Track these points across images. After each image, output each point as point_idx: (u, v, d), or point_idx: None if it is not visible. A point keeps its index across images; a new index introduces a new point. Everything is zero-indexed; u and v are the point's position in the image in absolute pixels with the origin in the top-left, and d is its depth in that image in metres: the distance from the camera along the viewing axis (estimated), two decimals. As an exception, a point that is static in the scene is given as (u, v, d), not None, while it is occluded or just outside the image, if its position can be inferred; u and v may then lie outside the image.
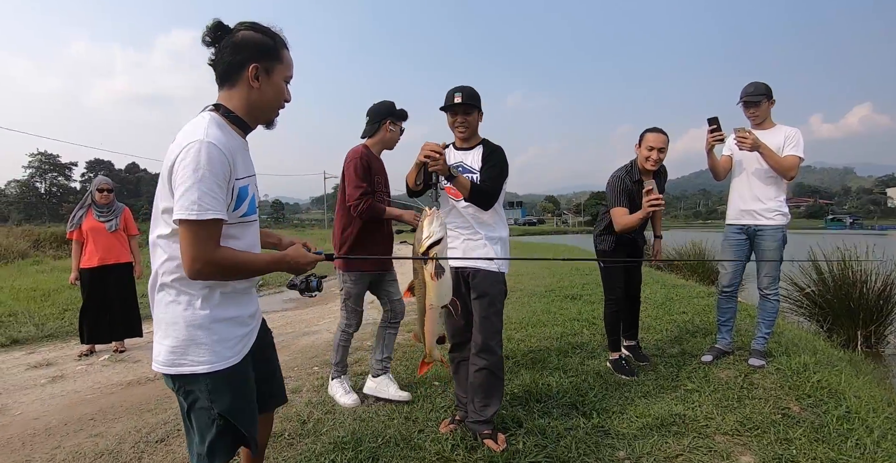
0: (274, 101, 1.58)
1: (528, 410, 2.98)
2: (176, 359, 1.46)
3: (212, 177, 1.36)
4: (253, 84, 1.51)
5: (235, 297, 1.57)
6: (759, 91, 3.60)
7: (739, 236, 3.72)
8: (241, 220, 1.54)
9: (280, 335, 5.43)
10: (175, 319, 1.47)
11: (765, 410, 2.95)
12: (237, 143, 1.53)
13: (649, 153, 3.52)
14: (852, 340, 6.16)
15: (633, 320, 4.07)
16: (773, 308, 3.70)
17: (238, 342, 1.57)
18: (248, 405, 1.59)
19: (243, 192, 1.51)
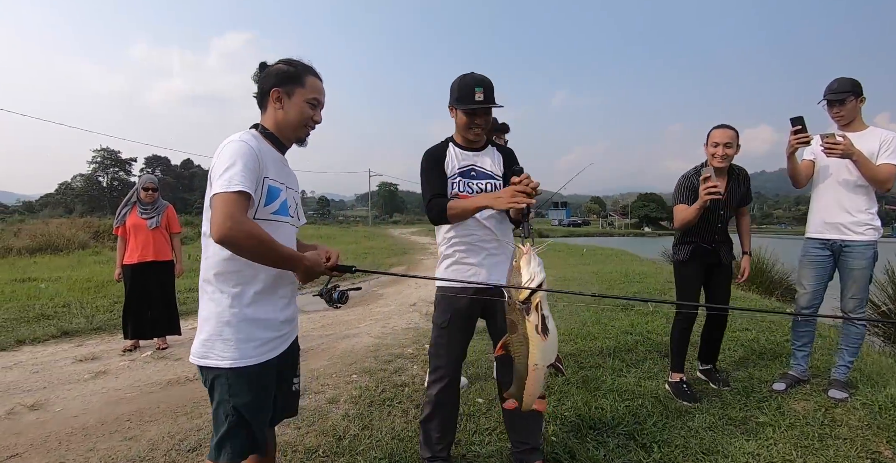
0: (296, 120, 1.75)
1: (581, 439, 2.73)
2: (205, 351, 1.61)
3: (242, 163, 1.54)
4: (276, 106, 1.74)
5: (269, 299, 1.69)
6: (845, 87, 3.21)
7: (823, 252, 3.34)
8: (273, 217, 1.68)
9: (320, 337, 5.33)
10: (209, 315, 1.63)
11: (851, 453, 2.60)
12: (269, 153, 1.71)
13: (714, 150, 3.33)
14: (934, 366, 5.61)
15: (712, 345, 3.72)
16: (860, 334, 3.31)
17: (263, 344, 1.66)
18: (263, 407, 1.69)
19: (274, 190, 1.67)
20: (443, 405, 2.35)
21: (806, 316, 3.42)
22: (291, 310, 1.81)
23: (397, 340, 5.15)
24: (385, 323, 6.05)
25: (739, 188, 3.47)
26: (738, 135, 3.33)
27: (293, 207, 1.81)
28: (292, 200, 1.80)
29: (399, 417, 3.09)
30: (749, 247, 3.68)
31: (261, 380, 1.67)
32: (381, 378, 3.84)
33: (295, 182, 1.88)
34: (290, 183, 1.82)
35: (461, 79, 2.27)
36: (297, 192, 1.88)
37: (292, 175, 1.88)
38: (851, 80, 3.23)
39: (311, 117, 1.78)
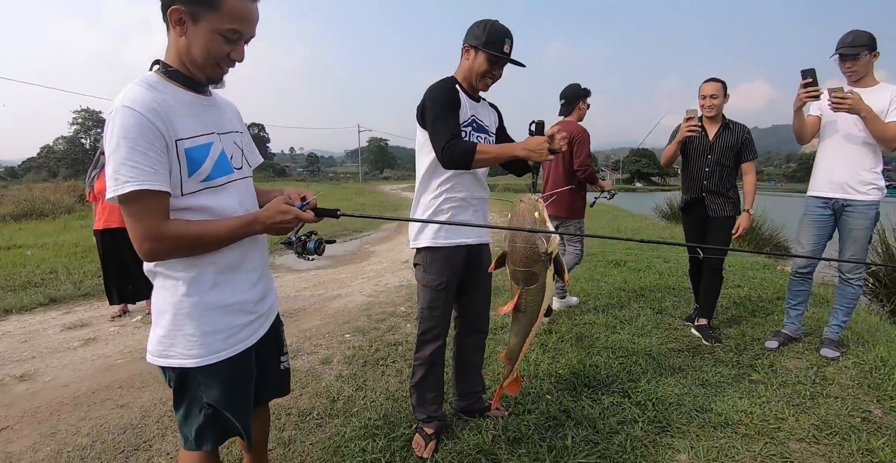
0: (202, 55, 1.30)
1: (576, 397, 2.73)
2: (164, 350, 1.36)
3: (128, 145, 1.19)
4: (176, 31, 1.29)
5: (234, 277, 1.42)
6: (860, 41, 3.06)
7: (824, 211, 3.27)
8: (207, 184, 1.33)
9: (311, 297, 5.28)
10: (164, 306, 1.36)
11: (842, 411, 2.62)
12: (180, 99, 1.32)
13: (703, 101, 3.59)
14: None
15: (707, 297, 3.78)
16: (855, 294, 3.29)
17: (236, 333, 1.43)
18: (242, 397, 1.48)
19: (195, 153, 1.31)
20: (435, 365, 2.31)
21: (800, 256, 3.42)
22: (264, 285, 1.54)
23: (390, 298, 5.12)
24: (377, 281, 6.02)
25: (730, 138, 3.58)
26: (724, 86, 3.58)
27: (236, 156, 1.46)
28: (233, 147, 1.45)
29: (393, 377, 3.08)
30: (751, 205, 3.66)
31: (237, 372, 1.45)
32: (374, 337, 3.82)
33: (232, 120, 1.51)
34: (225, 126, 1.45)
35: (491, 24, 2.11)
36: (239, 133, 1.51)
37: (229, 114, 1.50)
38: (867, 33, 3.07)
39: (226, 54, 1.33)
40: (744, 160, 3.62)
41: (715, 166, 3.59)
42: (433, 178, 2.19)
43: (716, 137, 3.59)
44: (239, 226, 1.33)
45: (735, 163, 3.61)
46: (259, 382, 1.60)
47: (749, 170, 3.69)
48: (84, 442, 2.50)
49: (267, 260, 1.58)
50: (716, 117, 3.60)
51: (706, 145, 3.61)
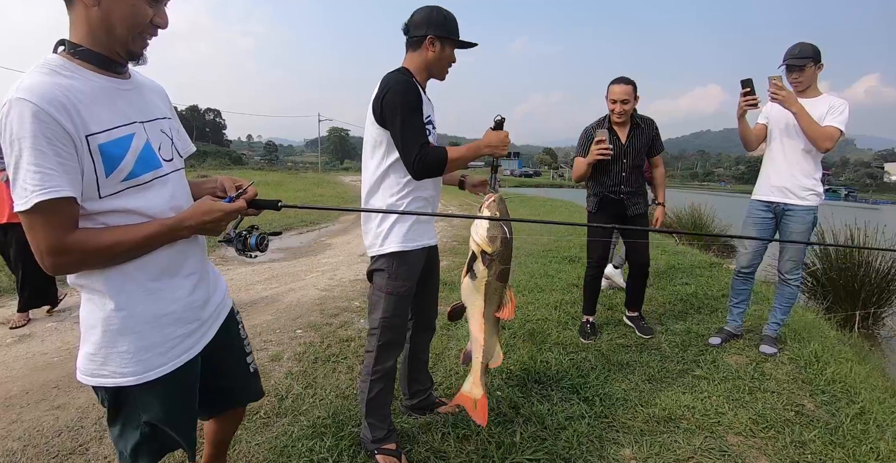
0: (124, 24, 1.13)
1: (526, 393, 2.77)
2: (95, 368, 1.23)
3: (29, 147, 1.02)
4: (85, 2, 1.10)
5: (169, 285, 1.28)
6: (806, 53, 3.19)
7: (766, 214, 3.41)
8: (130, 183, 1.17)
9: (264, 291, 5.17)
10: (93, 321, 1.22)
11: (778, 405, 2.75)
12: (91, 84, 1.14)
13: (613, 106, 3.44)
14: (850, 321, 6.03)
15: (636, 292, 3.86)
16: (793, 294, 3.45)
17: (175, 345, 1.30)
18: (184, 411, 1.38)
19: (112, 148, 1.13)
20: (392, 375, 2.23)
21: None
22: (205, 287, 1.40)
23: (344, 292, 5.07)
24: (332, 274, 5.94)
25: (643, 137, 3.54)
26: (635, 88, 3.42)
27: (164, 146, 1.29)
28: (160, 136, 1.28)
29: (344, 374, 3.04)
30: (663, 198, 3.77)
31: (178, 388, 1.33)
32: (326, 333, 3.76)
33: (158, 105, 1.33)
34: (147, 112, 1.26)
35: (445, 12, 2.06)
36: (167, 119, 1.33)
37: (153, 97, 1.32)
38: (812, 45, 3.20)
39: (150, 20, 1.17)
40: (654, 154, 3.65)
41: (631, 169, 3.54)
42: (397, 177, 2.05)
43: (629, 140, 3.51)
44: (159, 231, 1.19)
45: (644, 160, 3.65)
46: (227, 383, 1.52)
47: (658, 163, 3.76)
48: (15, 446, 2.36)
49: (205, 260, 1.45)
50: (625, 120, 3.50)
51: (620, 150, 3.48)
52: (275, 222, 9.58)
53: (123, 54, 1.20)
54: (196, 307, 1.36)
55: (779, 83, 3.12)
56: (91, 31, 1.14)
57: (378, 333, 2.14)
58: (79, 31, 1.14)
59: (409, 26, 2.09)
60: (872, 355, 4.72)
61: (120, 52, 1.19)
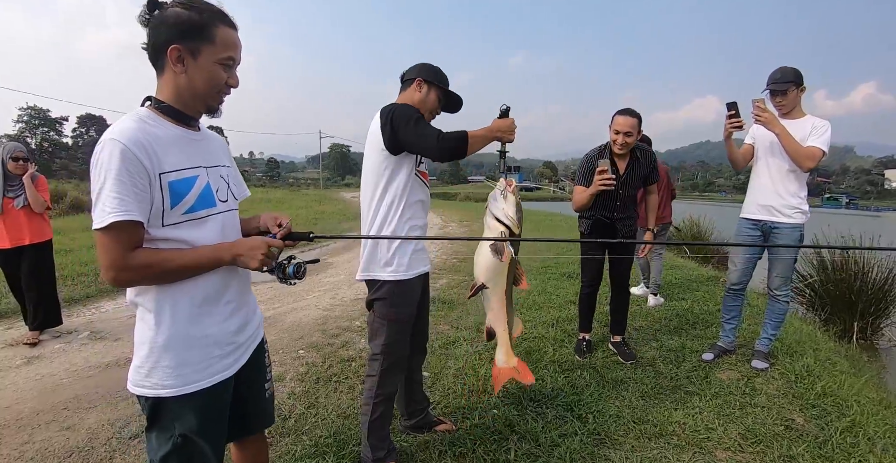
0: (204, 87, 1.39)
1: (521, 411, 2.85)
2: (141, 379, 1.40)
3: (113, 177, 1.25)
4: (176, 69, 1.36)
5: (212, 310, 1.45)
6: (787, 78, 3.31)
7: (754, 232, 3.51)
8: (189, 216, 1.38)
9: (266, 311, 5.26)
10: (143, 339, 1.40)
11: (768, 420, 2.82)
12: (169, 134, 1.38)
13: (616, 137, 3.46)
14: (848, 331, 6.09)
15: (618, 314, 3.86)
16: (783, 310, 3.54)
17: (212, 364, 1.45)
18: (216, 427, 1.50)
19: (180, 185, 1.36)
20: (392, 399, 2.34)
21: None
22: (243, 315, 1.57)
23: (346, 311, 5.16)
24: (334, 294, 6.03)
25: (640, 169, 3.61)
26: (640, 121, 3.47)
27: (221, 189, 1.51)
28: (219, 180, 1.50)
29: (345, 394, 3.12)
30: (653, 224, 3.86)
31: (212, 403, 1.47)
32: (327, 353, 3.85)
33: (220, 155, 1.56)
34: (210, 160, 1.50)
35: (437, 67, 2.30)
36: (225, 167, 1.57)
37: (216, 148, 1.56)
38: (794, 69, 3.33)
39: (225, 81, 1.42)
40: (649, 183, 3.74)
41: (625, 198, 3.62)
42: (400, 205, 2.16)
43: (627, 172, 3.56)
44: (207, 256, 1.38)
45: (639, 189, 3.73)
46: (247, 409, 1.63)
47: (652, 190, 3.83)
48: (27, 467, 2.45)
49: (246, 289, 1.60)
50: (626, 154, 3.55)
51: (618, 181, 3.49)
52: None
53: (203, 110, 1.45)
54: (232, 332, 1.51)
55: (762, 106, 3.25)
56: (177, 92, 1.39)
57: (381, 359, 2.24)
58: (165, 91, 1.39)
59: (403, 74, 2.31)
60: (870, 367, 4.78)
61: (200, 108, 1.44)
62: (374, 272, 2.20)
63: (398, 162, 2.14)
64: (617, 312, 3.87)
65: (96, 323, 4.92)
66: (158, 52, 1.35)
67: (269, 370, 1.76)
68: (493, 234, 1.95)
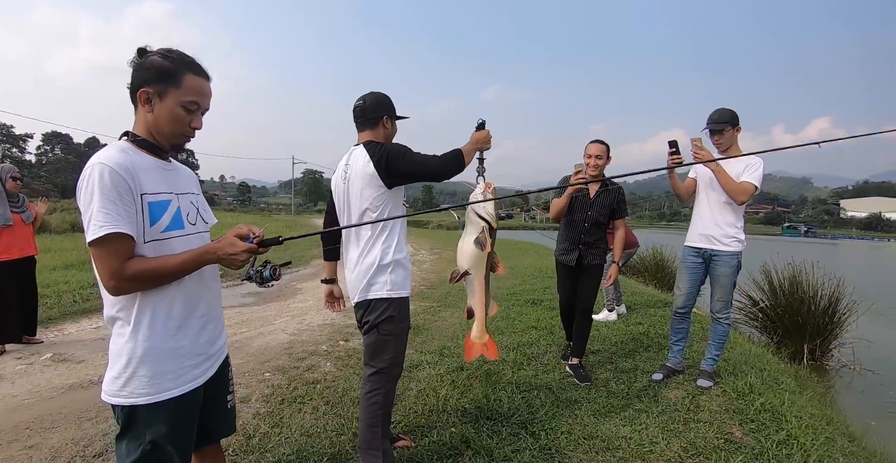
0: (168, 127, 1.55)
1: (478, 429, 2.98)
2: (118, 389, 1.50)
3: (103, 194, 1.39)
4: (145, 108, 1.54)
5: (185, 323, 1.58)
6: (724, 118, 3.62)
7: (696, 259, 3.78)
8: (165, 235, 1.53)
9: (234, 335, 5.31)
10: (120, 350, 1.50)
11: (708, 434, 3.01)
12: (146, 162, 1.54)
13: (588, 160, 3.90)
14: (799, 353, 6.40)
15: (578, 338, 4.04)
16: (724, 332, 3.78)
17: (184, 373, 1.57)
18: (184, 434, 1.60)
19: (157, 206, 1.51)
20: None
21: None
22: (213, 328, 1.69)
23: (312, 336, 5.23)
24: (301, 319, 6.10)
25: (608, 198, 3.94)
26: (608, 148, 3.94)
27: (191, 214, 1.65)
28: (189, 206, 1.65)
29: (309, 414, 3.21)
30: (618, 257, 4.16)
31: (183, 411, 1.58)
32: (293, 376, 3.93)
33: (190, 184, 1.72)
34: (183, 187, 1.65)
35: (386, 95, 2.52)
36: (195, 195, 1.72)
37: (186, 178, 1.71)
38: (730, 111, 3.65)
39: (188, 124, 1.58)
40: (617, 217, 4.03)
41: (593, 223, 3.92)
42: (389, 239, 2.39)
43: (596, 196, 3.93)
44: (192, 258, 1.51)
45: (608, 219, 4.00)
46: (209, 419, 1.73)
47: (620, 225, 4.11)
48: (-12, 486, 2.48)
49: (216, 305, 1.72)
50: (598, 176, 3.91)
51: (587, 202, 3.93)
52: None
53: (167, 148, 1.61)
54: (203, 343, 1.63)
55: (699, 144, 3.55)
56: (147, 129, 1.56)
57: (388, 371, 2.42)
58: (139, 127, 1.57)
59: (363, 110, 2.48)
60: (816, 385, 5.06)
61: (165, 145, 1.60)
62: (379, 293, 2.37)
63: (395, 195, 2.38)
64: (578, 335, 4.04)
65: (59, 345, 4.91)
66: (134, 92, 1.53)
67: (232, 383, 1.88)
68: (476, 228, 2.29)
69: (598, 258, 4.00)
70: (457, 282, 2.37)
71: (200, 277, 1.62)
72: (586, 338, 4.08)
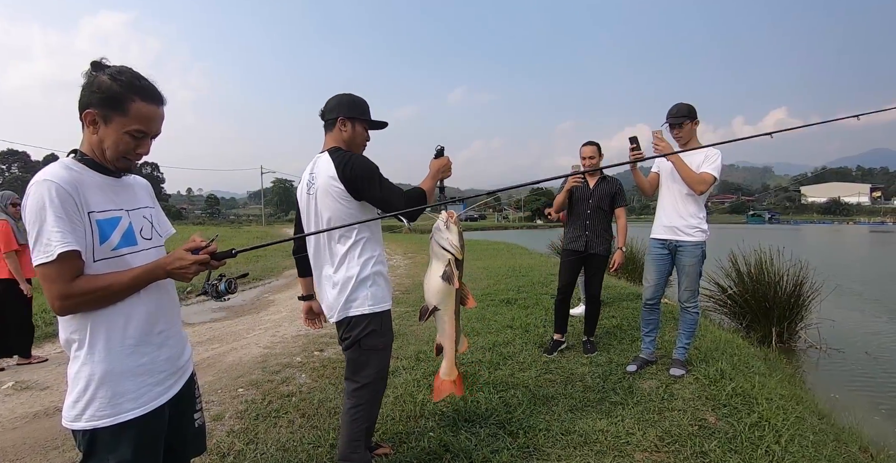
0: (111, 152, 1.50)
1: (456, 432, 2.97)
2: (77, 414, 1.45)
3: (53, 212, 1.36)
4: (90, 129, 1.49)
5: (144, 340, 1.53)
6: (682, 113, 3.71)
7: (662, 251, 3.85)
8: (115, 253, 1.48)
9: (206, 351, 5.20)
10: (78, 374, 1.46)
11: (683, 422, 3.06)
12: (94, 179, 1.50)
13: (583, 161, 4.45)
14: (768, 337, 6.58)
15: (588, 320, 4.61)
16: (693, 320, 3.85)
17: (146, 392, 1.52)
18: (148, 456, 1.54)
19: (106, 224, 1.47)
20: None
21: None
22: (174, 344, 1.64)
23: (287, 348, 5.15)
24: (275, 331, 6.01)
25: (606, 187, 4.46)
26: (599, 148, 4.48)
27: (145, 229, 1.60)
28: (142, 221, 1.61)
29: (285, 428, 3.16)
30: (623, 243, 4.57)
31: (147, 431, 1.52)
32: (267, 390, 3.86)
33: (144, 198, 1.68)
34: (135, 202, 1.61)
35: (355, 96, 2.37)
36: (149, 209, 1.68)
37: (139, 191, 1.67)
38: (688, 106, 3.74)
39: (133, 150, 1.52)
40: (617, 206, 4.50)
41: (595, 209, 4.42)
42: (365, 251, 2.28)
43: (595, 186, 4.46)
44: (142, 273, 1.46)
45: (610, 207, 4.46)
46: (174, 438, 1.67)
47: (621, 214, 4.59)
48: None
49: (175, 320, 1.67)
50: (595, 172, 4.47)
51: (588, 193, 4.45)
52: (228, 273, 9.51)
53: (113, 168, 1.55)
54: (163, 360, 1.58)
55: (659, 136, 3.62)
56: (91, 148, 1.51)
57: (372, 386, 2.33)
58: (85, 145, 1.52)
59: (322, 112, 2.38)
60: (785, 367, 5.20)
61: (110, 167, 1.54)
62: (360, 309, 2.27)
63: (366, 207, 2.26)
64: (587, 315, 4.64)
65: (21, 372, 4.74)
66: (81, 110, 1.47)
67: (199, 401, 1.82)
68: (441, 261, 2.12)
69: (604, 249, 4.43)
70: (426, 320, 2.21)
71: (157, 293, 1.58)
72: (595, 320, 4.69)
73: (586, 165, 4.42)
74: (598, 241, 4.40)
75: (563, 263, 4.61)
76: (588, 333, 4.63)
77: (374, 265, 2.31)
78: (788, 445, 2.79)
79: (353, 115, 2.34)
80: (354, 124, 2.35)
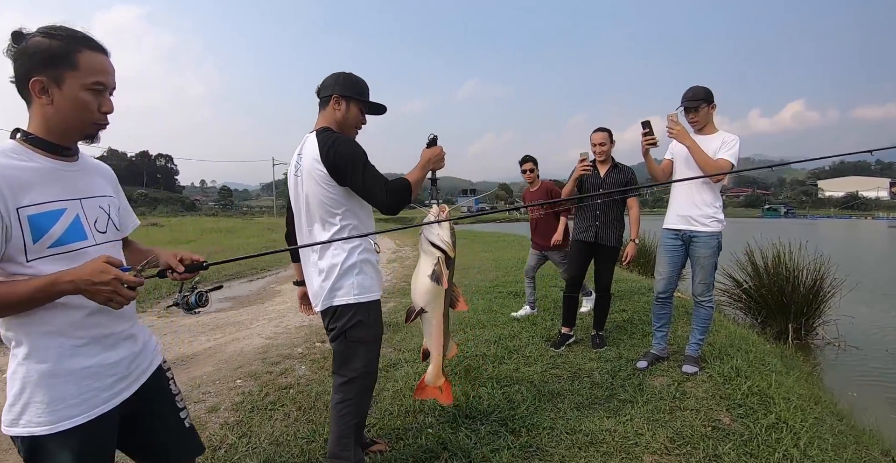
0: (75, 116, 1.33)
1: (455, 429, 2.84)
2: (14, 418, 1.32)
3: None
4: (42, 100, 1.30)
5: (87, 342, 1.38)
6: (699, 96, 3.52)
7: (675, 242, 3.67)
8: (57, 250, 1.31)
9: (208, 341, 5.13)
10: (14, 375, 1.33)
11: (695, 422, 2.91)
12: (37, 166, 1.32)
13: (594, 147, 4.26)
14: (784, 333, 6.37)
15: (598, 313, 4.43)
16: (707, 315, 3.68)
17: (90, 398, 1.37)
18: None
19: (40, 219, 1.28)
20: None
21: None
22: (128, 346, 1.49)
23: (289, 339, 5.07)
24: (279, 322, 5.92)
25: (618, 176, 4.21)
26: (610, 134, 4.27)
27: (99, 221, 1.43)
28: (97, 212, 1.43)
29: (280, 421, 3.05)
30: (636, 234, 4.38)
31: (91, 440, 1.38)
32: (265, 381, 3.76)
33: (102, 185, 1.50)
34: (88, 191, 1.43)
35: (353, 76, 2.22)
36: (108, 197, 1.50)
37: (96, 178, 1.49)
38: (705, 89, 3.55)
39: (98, 109, 1.36)
40: (629, 196, 4.27)
41: (607, 199, 4.18)
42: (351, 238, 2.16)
43: (606, 175, 4.23)
44: (42, 286, 1.23)
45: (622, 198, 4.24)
46: (162, 441, 1.58)
47: (633, 204, 4.40)
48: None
49: (132, 318, 1.53)
50: (606, 160, 4.26)
51: (598, 181, 4.23)
52: (224, 271, 9.48)
53: (79, 138, 1.40)
54: (112, 363, 1.43)
55: (674, 119, 3.44)
56: (46, 123, 1.33)
57: (360, 380, 2.21)
58: (34, 123, 1.34)
59: (318, 89, 2.24)
60: (803, 365, 5.01)
61: (75, 137, 1.39)
62: (345, 298, 2.14)
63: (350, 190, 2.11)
64: (597, 308, 4.45)
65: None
66: (23, 84, 1.30)
67: (181, 399, 1.69)
68: (431, 258, 1.98)
69: (615, 240, 4.22)
70: (412, 321, 2.09)
71: None
72: (605, 313, 4.48)
73: (597, 152, 4.25)
74: (609, 231, 4.19)
75: (572, 254, 4.45)
76: (597, 327, 4.44)
77: (362, 253, 2.17)
78: (807, 448, 2.64)
79: (349, 95, 2.20)
80: (349, 104, 2.21)
